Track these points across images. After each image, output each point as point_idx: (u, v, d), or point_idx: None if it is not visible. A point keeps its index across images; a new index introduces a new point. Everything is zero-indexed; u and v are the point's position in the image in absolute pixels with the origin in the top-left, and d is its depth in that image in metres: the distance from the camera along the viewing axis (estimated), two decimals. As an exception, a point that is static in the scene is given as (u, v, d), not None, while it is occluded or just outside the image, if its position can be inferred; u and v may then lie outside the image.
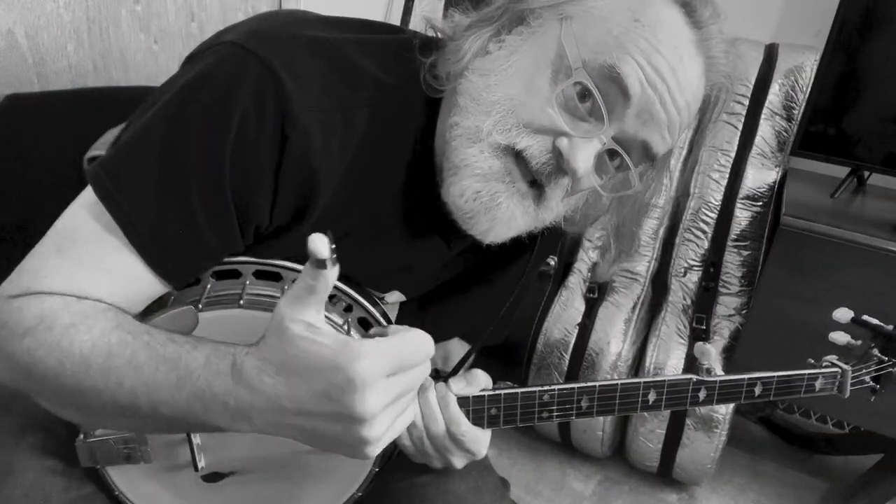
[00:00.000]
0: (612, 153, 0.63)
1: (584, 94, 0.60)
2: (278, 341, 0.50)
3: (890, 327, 0.82)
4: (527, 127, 0.61)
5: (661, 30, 0.59)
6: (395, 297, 0.78)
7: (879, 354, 0.82)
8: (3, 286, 0.59)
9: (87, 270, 0.58)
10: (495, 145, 0.61)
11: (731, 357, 1.57)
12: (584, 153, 0.59)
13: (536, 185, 0.64)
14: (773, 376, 0.75)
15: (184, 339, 0.56)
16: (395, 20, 1.85)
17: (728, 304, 1.63)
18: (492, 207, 0.62)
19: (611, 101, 0.60)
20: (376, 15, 1.88)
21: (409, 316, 0.81)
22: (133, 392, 0.54)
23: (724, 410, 1.54)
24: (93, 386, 0.55)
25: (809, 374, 0.78)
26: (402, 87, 0.65)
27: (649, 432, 1.61)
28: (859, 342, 0.83)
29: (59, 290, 0.57)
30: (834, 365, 0.80)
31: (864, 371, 0.81)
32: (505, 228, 0.65)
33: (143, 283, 0.60)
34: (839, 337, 0.84)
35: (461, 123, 0.62)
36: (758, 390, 0.75)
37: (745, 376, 0.74)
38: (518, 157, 0.62)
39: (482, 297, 0.85)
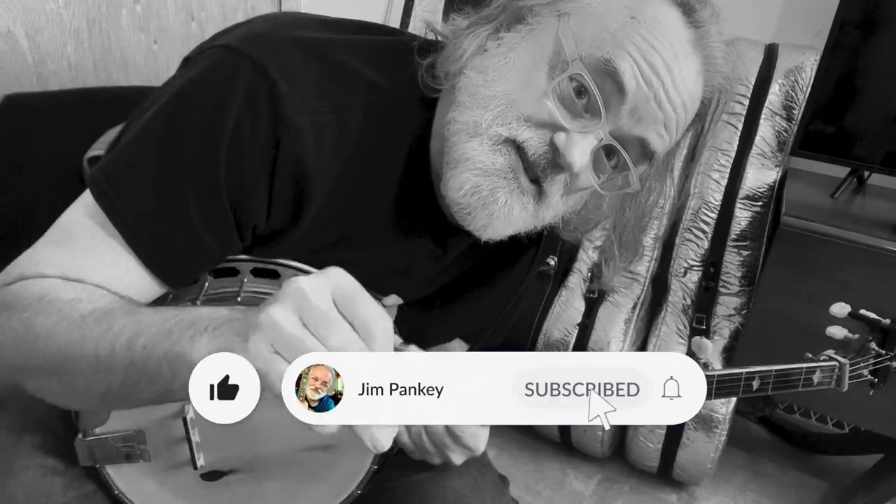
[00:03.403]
0: (609, 152, 0.63)
1: (580, 91, 0.60)
2: None
3: (887, 321, 0.82)
4: (527, 121, 0.60)
5: (657, 27, 0.59)
6: (392, 301, 0.78)
7: (877, 348, 0.82)
8: None
9: (85, 266, 0.58)
10: (496, 137, 0.61)
11: (731, 357, 1.57)
12: (580, 148, 0.59)
13: (537, 182, 0.63)
14: (771, 370, 0.75)
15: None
16: (395, 21, 1.85)
17: (728, 304, 1.63)
18: (490, 203, 0.62)
19: (606, 97, 0.59)
20: (376, 16, 1.89)
21: (408, 319, 0.81)
22: (109, 359, 0.52)
23: (724, 410, 1.54)
24: (80, 350, 0.53)
25: (807, 367, 0.78)
26: (397, 89, 0.65)
27: (649, 432, 1.61)
28: (857, 336, 0.83)
29: (52, 275, 0.57)
30: (832, 359, 0.80)
31: (861, 365, 0.81)
32: (503, 225, 0.64)
33: (142, 284, 0.61)
34: (837, 331, 0.84)
35: (459, 119, 0.62)
36: (755, 384, 0.75)
37: (743, 370, 0.74)
38: (520, 150, 0.61)
39: (482, 300, 0.84)
